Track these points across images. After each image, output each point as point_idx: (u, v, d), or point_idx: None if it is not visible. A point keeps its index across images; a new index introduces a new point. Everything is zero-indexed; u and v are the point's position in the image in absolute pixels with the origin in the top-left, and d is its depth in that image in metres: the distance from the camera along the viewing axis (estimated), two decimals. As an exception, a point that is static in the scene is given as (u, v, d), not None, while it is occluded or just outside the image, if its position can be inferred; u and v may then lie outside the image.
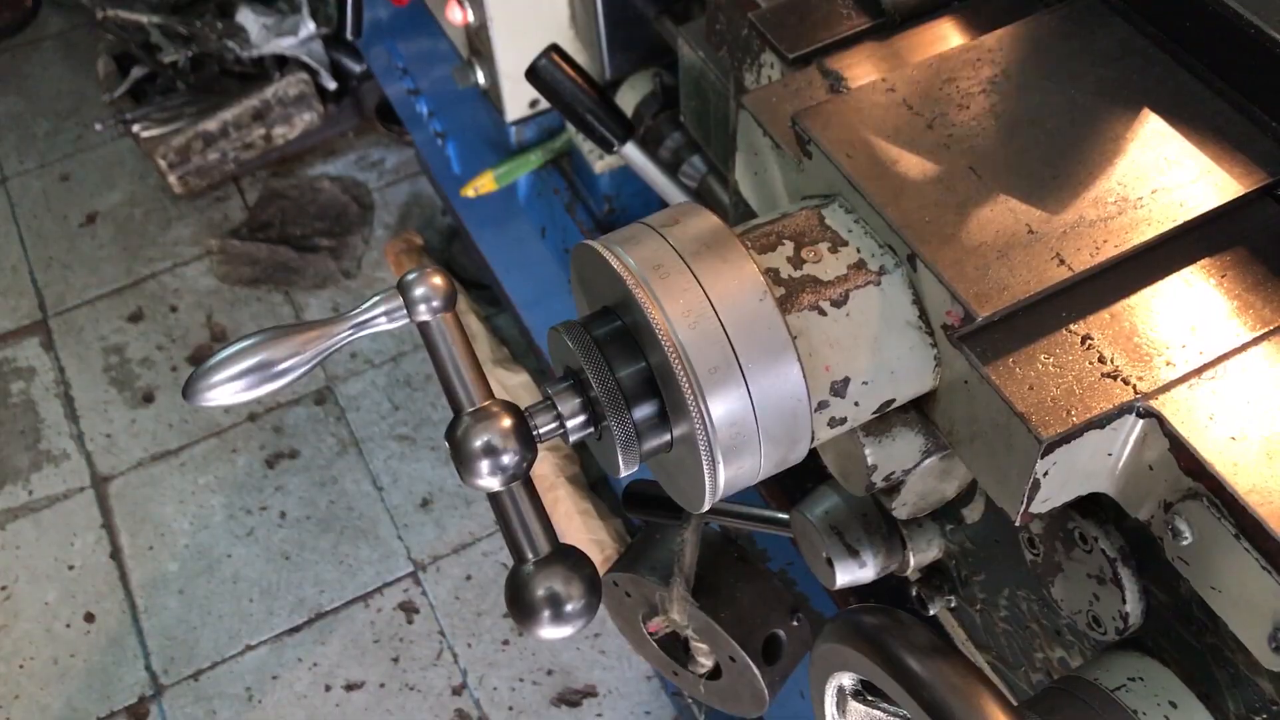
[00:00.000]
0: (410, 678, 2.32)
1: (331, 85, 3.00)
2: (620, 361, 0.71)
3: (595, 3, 1.69)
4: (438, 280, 0.72)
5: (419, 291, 0.71)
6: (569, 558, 0.71)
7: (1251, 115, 0.80)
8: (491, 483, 0.70)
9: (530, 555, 0.71)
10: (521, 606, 0.70)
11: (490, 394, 0.71)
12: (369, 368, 2.75)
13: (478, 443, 0.69)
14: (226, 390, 0.69)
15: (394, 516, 2.52)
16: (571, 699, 2.28)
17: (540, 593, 0.69)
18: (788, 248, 0.76)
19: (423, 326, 0.72)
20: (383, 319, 0.72)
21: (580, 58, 1.81)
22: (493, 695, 2.29)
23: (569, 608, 0.69)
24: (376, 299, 0.72)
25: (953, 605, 1.09)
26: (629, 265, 0.70)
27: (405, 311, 0.72)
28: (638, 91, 1.76)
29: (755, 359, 0.69)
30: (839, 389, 0.74)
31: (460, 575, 2.44)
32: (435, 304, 0.71)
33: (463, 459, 0.70)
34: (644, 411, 0.72)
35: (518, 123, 1.97)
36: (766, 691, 1.24)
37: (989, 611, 1.04)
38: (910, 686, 0.72)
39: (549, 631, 0.70)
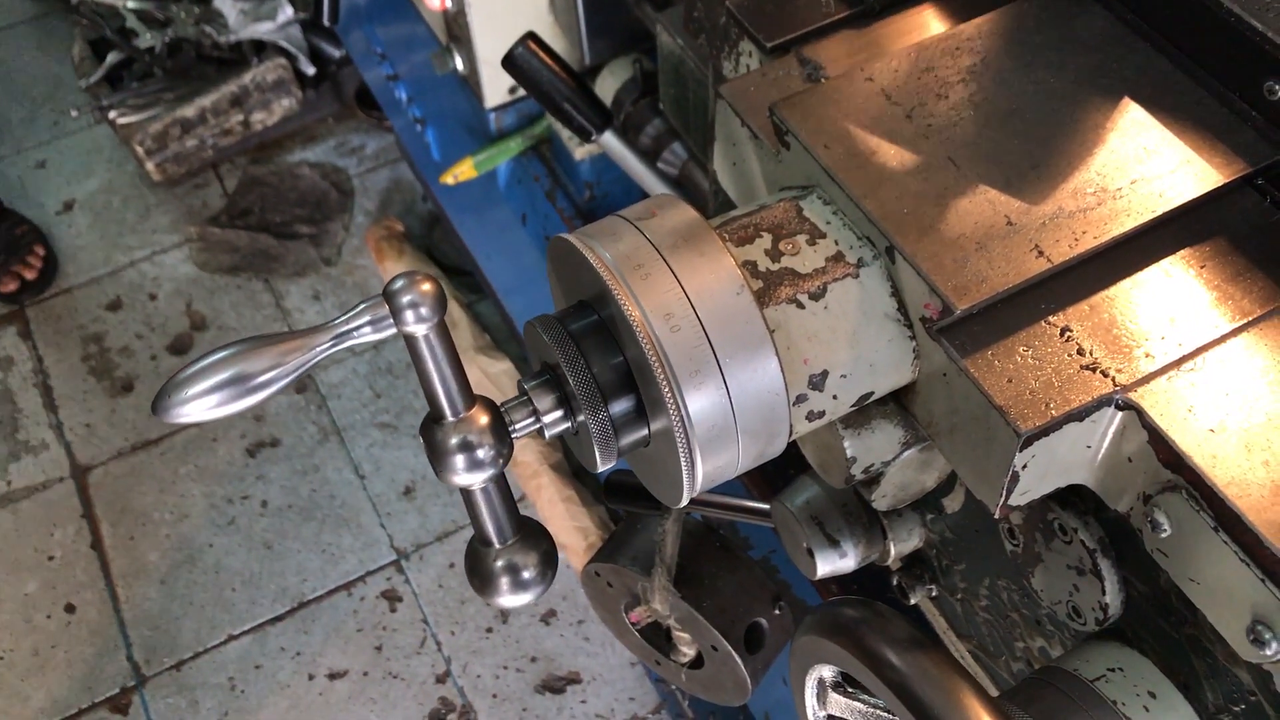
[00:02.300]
0: (394, 666, 2.32)
1: (310, 71, 2.98)
2: (596, 356, 0.71)
3: (574, -12, 1.67)
4: (427, 287, 0.67)
5: (406, 299, 0.66)
6: (530, 534, 0.73)
7: (1231, 104, 0.80)
8: (467, 479, 0.69)
9: (497, 543, 0.72)
10: (481, 576, 0.72)
11: (474, 401, 0.69)
12: (350, 355, 2.73)
13: (454, 440, 0.68)
14: (200, 405, 0.65)
15: (376, 505, 2.52)
16: (555, 686, 2.28)
17: (499, 564, 0.72)
18: (765, 240, 0.75)
19: (409, 337, 0.68)
20: (368, 329, 0.68)
21: (559, 43, 1.79)
22: (476, 683, 2.28)
23: (526, 575, 0.72)
24: (361, 307, 0.68)
25: (934, 595, 1.09)
26: (605, 259, 0.70)
27: (391, 320, 0.68)
28: (618, 78, 1.75)
29: (733, 353, 0.68)
30: (817, 382, 0.74)
31: (443, 563, 2.43)
32: (424, 312, 0.67)
33: (438, 456, 0.69)
34: (621, 406, 0.71)
35: (497, 109, 1.95)
36: (749, 680, 1.24)
37: (970, 601, 1.04)
38: (888, 679, 0.72)
39: (507, 600, 0.72)
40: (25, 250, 2.80)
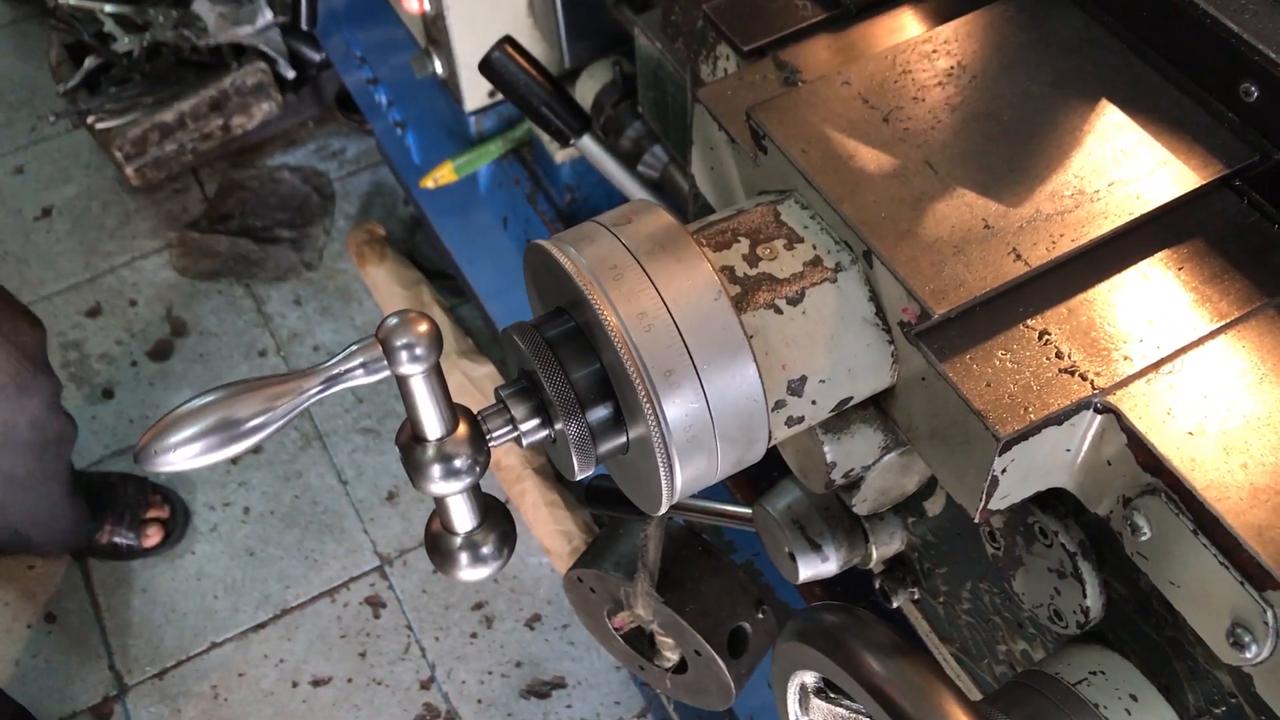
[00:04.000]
0: (378, 672, 2.31)
1: (290, 74, 2.96)
2: (573, 363, 0.70)
3: (554, -9, 1.67)
4: (423, 327, 0.65)
5: (401, 341, 0.64)
6: (490, 514, 0.73)
7: (1208, 106, 0.80)
8: (444, 489, 0.69)
9: (460, 532, 0.72)
10: (441, 553, 0.73)
11: (457, 422, 0.68)
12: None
13: (430, 450, 0.68)
14: (184, 454, 0.63)
15: (359, 510, 2.50)
16: (540, 690, 2.27)
17: (459, 541, 0.72)
18: (743, 245, 0.75)
19: (403, 378, 0.66)
20: (360, 371, 0.66)
21: (539, 46, 1.79)
22: (461, 688, 2.28)
23: (485, 551, 0.72)
24: (353, 348, 0.66)
25: (916, 598, 1.09)
26: (581, 265, 0.69)
27: (385, 362, 0.65)
28: (597, 80, 1.74)
29: (710, 359, 0.68)
30: (796, 388, 0.73)
31: (427, 568, 2.42)
32: (419, 352, 0.64)
33: (414, 465, 0.68)
34: (598, 414, 0.71)
35: (477, 112, 1.95)
36: (733, 685, 1.24)
37: (952, 604, 1.03)
38: (868, 685, 0.71)
39: (466, 574, 0.73)
40: (142, 495, 2.42)
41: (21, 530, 2.16)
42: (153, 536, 2.40)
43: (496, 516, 0.73)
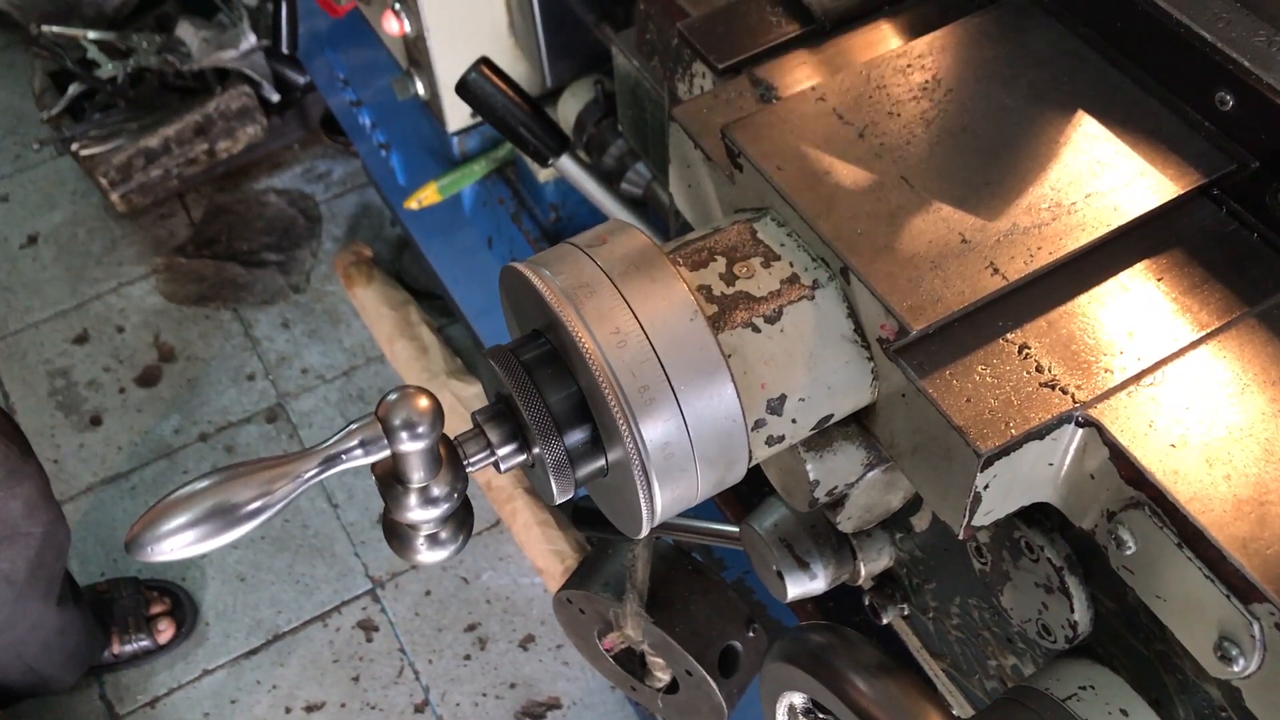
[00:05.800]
0: (371, 696, 2.29)
1: (275, 97, 2.96)
2: (550, 387, 0.70)
3: (534, 11, 1.67)
4: (423, 403, 0.62)
5: (400, 418, 0.62)
6: None
7: (1184, 115, 0.80)
8: (419, 517, 0.68)
9: (422, 530, 0.71)
10: (399, 538, 0.72)
11: (440, 467, 0.67)
12: (321, 383, 2.71)
13: (410, 488, 0.67)
14: (178, 542, 0.61)
15: (350, 534, 2.49)
16: (535, 712, 2.25)
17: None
18: (720, 264, 0.74)
19: (403, 455, 0.64)
20: (359, 451, 0.64)
21: (520, 66, 1.79)
22: (456, 711, 2.26)
23: (443, 536, 0.71)
24: (352, 427, 0.64)
25: (906, 614, 1.08)
26: (555, 288, 0.69)
27: (385, 441, 0.63)
28: (579, 99, 1.74)
29: (687, 380, 0.67)
30: (775, 406, 0.73)
31: (419, 591, 2.41)
32: (421, 430, 0.62)
33: (392, 498, 0.68)
34: (576, 437, 0.70)
35: (460, 133, 1.94)
36: (724, 705, 1.23)
37: (941, 620, 1.03)
38: (855, 707, 0.71)
39: (425, 557, 0.72)
40: (139, 595, 2.33)
41: (35, 666, 2.08)
42: (165, 631, 2.31)
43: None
